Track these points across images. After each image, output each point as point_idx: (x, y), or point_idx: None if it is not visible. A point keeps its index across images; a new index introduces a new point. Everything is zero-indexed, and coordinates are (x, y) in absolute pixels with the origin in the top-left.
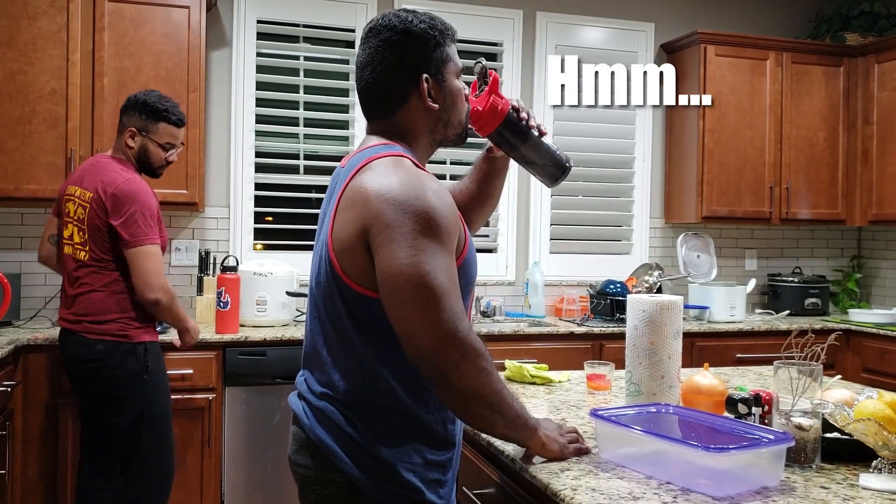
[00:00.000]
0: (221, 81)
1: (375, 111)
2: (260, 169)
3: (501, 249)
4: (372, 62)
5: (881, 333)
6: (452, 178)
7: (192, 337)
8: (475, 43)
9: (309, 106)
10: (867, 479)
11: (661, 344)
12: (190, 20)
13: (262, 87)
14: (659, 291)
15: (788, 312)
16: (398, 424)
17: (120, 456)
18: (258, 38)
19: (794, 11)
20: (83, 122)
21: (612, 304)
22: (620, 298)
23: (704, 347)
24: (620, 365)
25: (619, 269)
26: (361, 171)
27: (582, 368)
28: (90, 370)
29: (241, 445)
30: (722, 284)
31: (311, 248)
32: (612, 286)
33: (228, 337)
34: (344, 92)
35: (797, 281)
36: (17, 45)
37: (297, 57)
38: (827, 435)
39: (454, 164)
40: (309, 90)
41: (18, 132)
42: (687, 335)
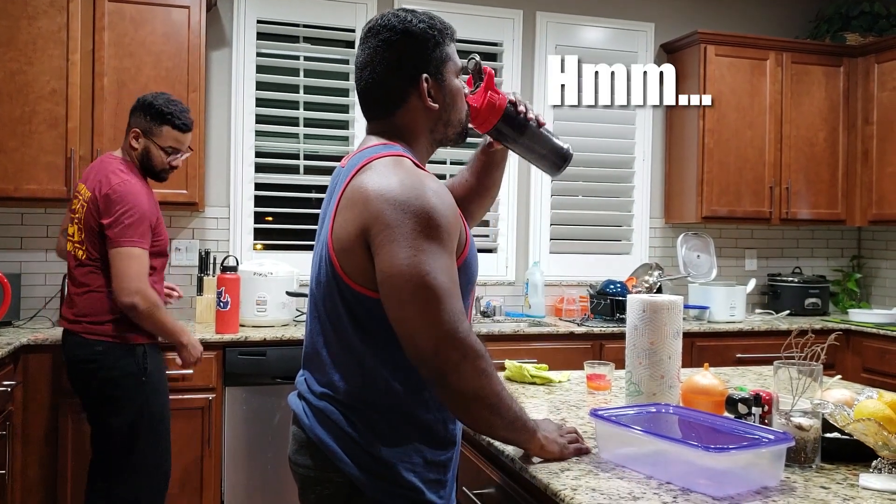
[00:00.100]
0: (221, 81)
1: (375, 111)
2: (260, 169)
3: (501, 249)
4: (371, 62)
5: (881, 333)
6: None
7: (190, 353)
8: (475, 43)
9: (309, 106)
10: (867, 479)
11: (661, 344)
12: (190, 20)
13: (262, 87)
14: (659, 291)
15: (788, 312)
16: (398, 424)
17: (117, 456)
18: (258, 38)
19: (794, 11)
20: (83, 122)
21: (612, 304)
22: (620, 298)
23: (704, 347)
24: (620, 365)
25: (619, 269)
26: (362, 171)
27: (582, 368)
28: (89, 370)
29: (241, 445)
30: (722, 284)
31: (311, 248)
32: (612, 286)
33: (228, 337)
34: (344, 92)
35: (797, 281)
36: (17, 45)
37: (297, 57)
38: (827, 435)
39: (454, 164)
40: (309, 90)
41: (18, 132)
42: (687, 335)
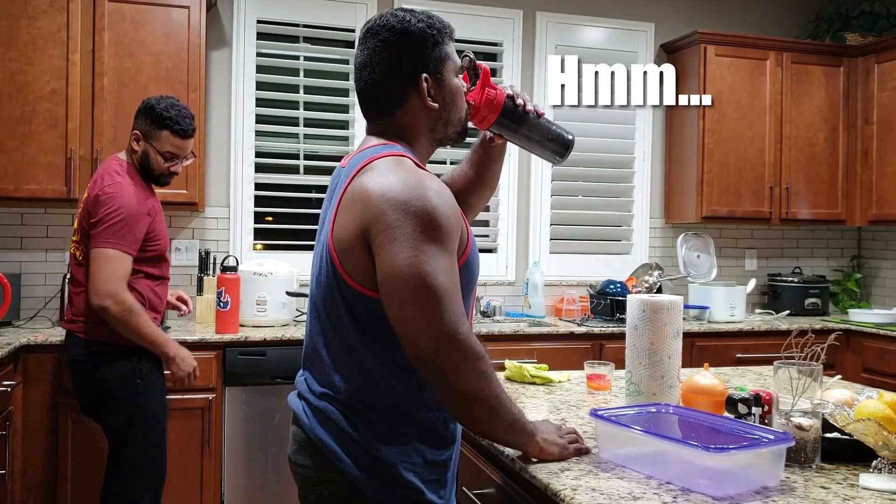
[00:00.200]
0: (221, 81)
1: (375, 111)
2: (260, 169)
3: (501, 249)
4: (370, 63)
5: (881, 333)
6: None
7: (179, 367)
8: (475, 43)
9: (309, 106)
10: (867, 479)
11: (661, 344)
12: (190, 20)
13: (262, 87)
14: (659, 291)
15: (788, 312)
16: (398, 424)
17: (115, 456)
18: (258, 38)
19: (794, 11)
20: (83, 122)
21: (612, 304)
22: (620, 298)
23: (704, 347)
24: (620, 365)
25: (619, 269)
26: (363, 171)
27: (582, 368)
28: (84, 371)
29: (241, 445)
30: (722, 284)
31: (311, 248)
32: (612, 286)
33: (228, 337)
34: (344, 92)
35: (797, 281)
36: (17, 45)
37: (297, 57)
38: (827, 435)
39: (454, 163)
40: (309, 90)
41: (18, 132)
42: (687, 335)
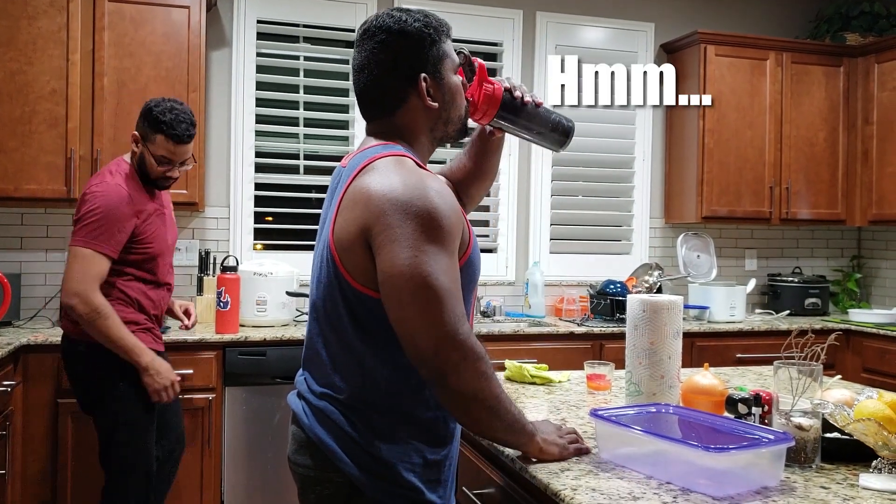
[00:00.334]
0: (221, 81)
1: (374, 112)
2: (260, 169)
3: (501, 249)
4: (368, 65)
5: (881, 333)
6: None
7: (153, 379)
8: (475, 43)
9: (309, 106)
10: (867, 479)
11: (661, 344)
12: (190, 20)
13: (262, 87)
14: (659, 291)
15: (788, 312)
16: (398, 424)
17: (105, 456)
18: (258, 38)
19: (794, 11)
20: (83, 122)
21: (612, 304)
22: (620, 298)
23: (704, 347)
24: (620, 365)
25: (619, 269)
26: (364, 171)
27: (582, 368)
28: (75, 371)
29: (241, 445)
30: (722, 284)
31: (311, 248)
32: (612, 286)
33: (228, 337)
34: (344, 92)
35: (797, 281)
36: (17, 45)
37: (297, 57)
38: (827, 435)
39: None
40: (309, 90)
41: (18, 132)
42: (687, 335)
